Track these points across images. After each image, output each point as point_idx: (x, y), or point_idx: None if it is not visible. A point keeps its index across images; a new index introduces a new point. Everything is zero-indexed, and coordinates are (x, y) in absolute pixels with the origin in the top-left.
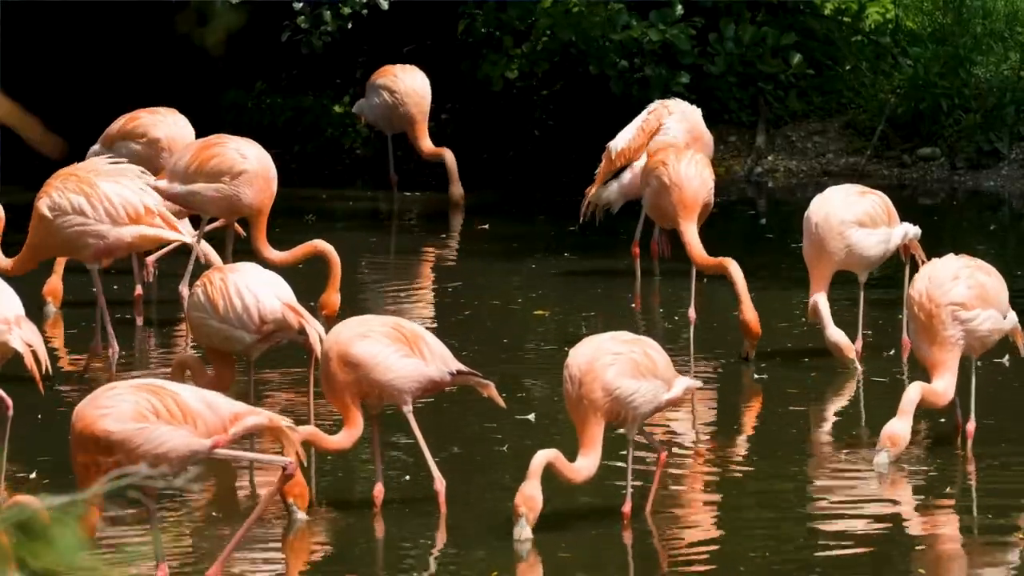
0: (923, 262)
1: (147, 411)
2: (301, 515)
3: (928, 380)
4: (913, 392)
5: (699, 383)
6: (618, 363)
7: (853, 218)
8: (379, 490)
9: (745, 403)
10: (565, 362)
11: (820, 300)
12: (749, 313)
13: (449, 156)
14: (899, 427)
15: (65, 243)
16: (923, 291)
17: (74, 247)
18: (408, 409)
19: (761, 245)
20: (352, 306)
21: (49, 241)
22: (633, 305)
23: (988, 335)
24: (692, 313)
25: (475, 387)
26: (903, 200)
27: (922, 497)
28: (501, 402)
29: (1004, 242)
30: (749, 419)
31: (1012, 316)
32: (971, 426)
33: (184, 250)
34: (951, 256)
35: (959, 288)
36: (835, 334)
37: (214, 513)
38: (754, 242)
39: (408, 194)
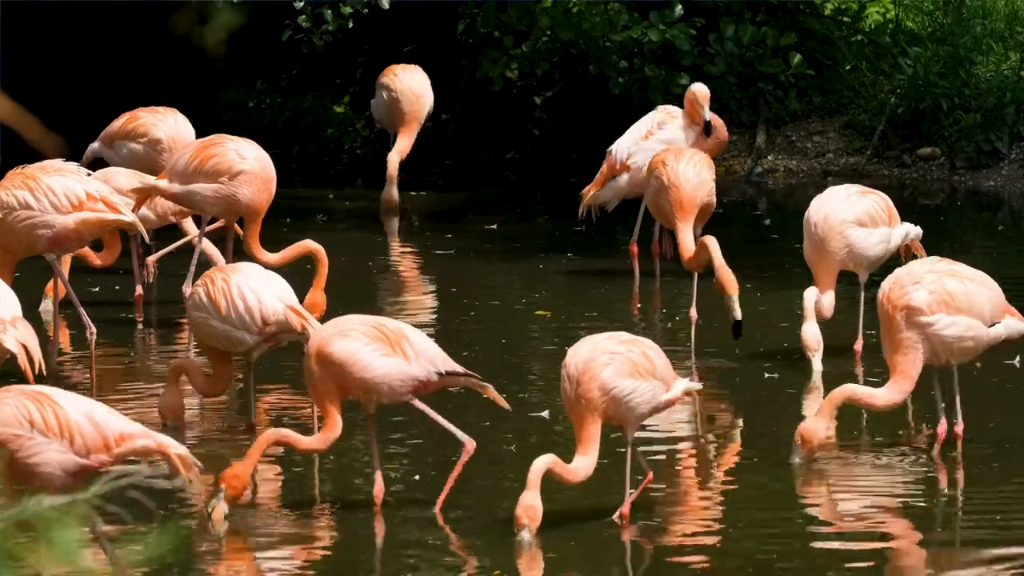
0: None
1: (23, 418)
2: (222, 505)
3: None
4: (836, 394)
5: (699, 385)
6: (615, 362)
7: (853, 218)
8: (379, 489)
9: (746, 403)
10: (563, 361)
11: (807, 294)
12: (724, 271)
13: (392, 158)
14: (810, 425)
15: (20, 238)
16: (885, 291)
17: (28, 241)
18: (409, 398)
19: (764, 245)
20: (353, 307)
21: (8, 239)
22: (636, 304)
23: (956, 342)
24: (694, 313)
25: (473, 388)
26: (903, 200)
27: (925, 499)
28: (504, 403)
29: (1004, 242)
30: (750, 419)
31: (1010, 323)
32: (959, 427)
33: (186, 250)
34: (931, 259)
35: (919, 293)
36: (806, 331)
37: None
38: (757, 242)
39: (409, 194)
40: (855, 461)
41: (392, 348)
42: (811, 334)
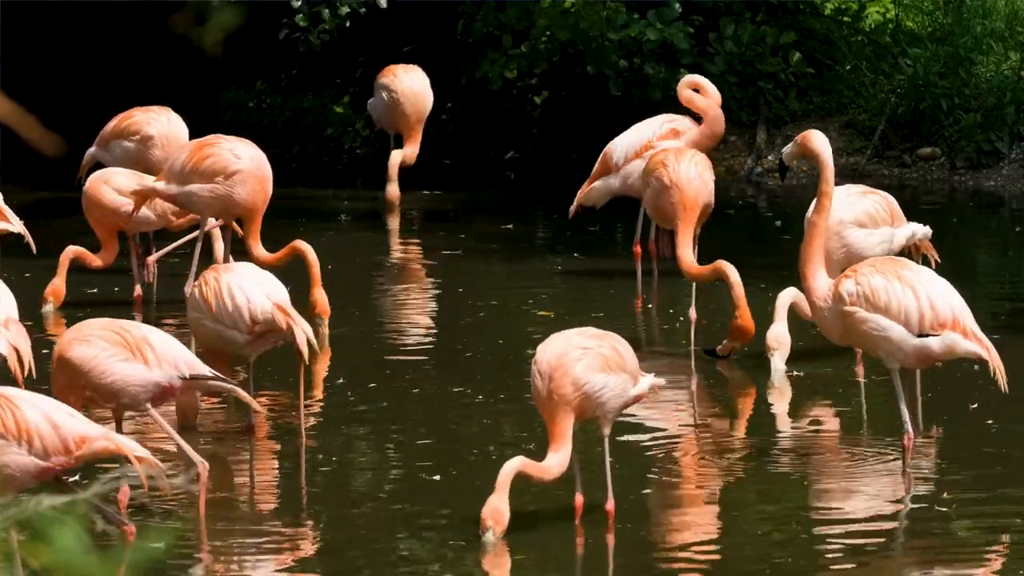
0: (936, 262)
1: None
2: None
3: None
4: (784, 296)
5: (662, 381)
6: (587, 357)
7: (852, 218)
8: (123, 493)
9: (746, 402)
10: (533, 358)
11: (781, 295)
12: (746, 318)
13: (395, 157)
14: (774, 331)
15: None
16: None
17: None
18: (148, 408)
19: (766, 246)
20: (355, 308)
21: None
22: (641, 305)
23: (867, 337)
24: (693, 313)
25: (225, 392)
26: (903, 200)
27: (926, 499)
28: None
29: (1004, 242)
30: (750, 418)
31: (950, 339)
32: (908, 438)
33: (188, 251)
34: (884, 258)
35: (848, 282)
36: (772, 330)
37: (224, 515)
38: (760, 242)
39: (408, 194)
40: (855, 461)
41: (132, 353)
42: (772, 334)
